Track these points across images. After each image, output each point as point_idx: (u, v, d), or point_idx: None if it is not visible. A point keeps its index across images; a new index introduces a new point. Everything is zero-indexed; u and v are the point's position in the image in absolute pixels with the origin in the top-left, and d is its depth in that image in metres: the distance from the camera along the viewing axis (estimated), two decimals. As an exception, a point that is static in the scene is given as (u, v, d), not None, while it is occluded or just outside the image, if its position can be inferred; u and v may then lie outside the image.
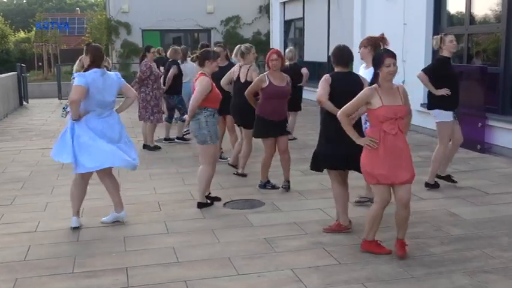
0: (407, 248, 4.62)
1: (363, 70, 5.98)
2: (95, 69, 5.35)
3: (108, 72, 5.59)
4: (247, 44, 7.66)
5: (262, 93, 6.61)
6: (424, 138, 9.89)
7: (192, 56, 6.60)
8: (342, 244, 4.91)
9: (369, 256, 4.62)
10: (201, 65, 6.10)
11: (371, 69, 5.08)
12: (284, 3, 18.49)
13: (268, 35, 21.20)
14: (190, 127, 6.30)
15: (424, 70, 6.74)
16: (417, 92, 9.11)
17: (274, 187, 6.83)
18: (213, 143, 6.04)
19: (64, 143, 5.35)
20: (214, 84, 6.08)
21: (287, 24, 18.81)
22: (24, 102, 18.16)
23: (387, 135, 4.42)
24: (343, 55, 5.24)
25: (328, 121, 5.08)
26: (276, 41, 19.03)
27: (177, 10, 21.43)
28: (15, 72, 17.98)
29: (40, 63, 35.92)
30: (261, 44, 20.72)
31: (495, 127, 8.69)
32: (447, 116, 6.57)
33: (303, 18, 17.11)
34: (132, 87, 9.53)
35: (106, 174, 5.62)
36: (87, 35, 35.03)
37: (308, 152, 6.95)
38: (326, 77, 5.17)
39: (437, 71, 6.62)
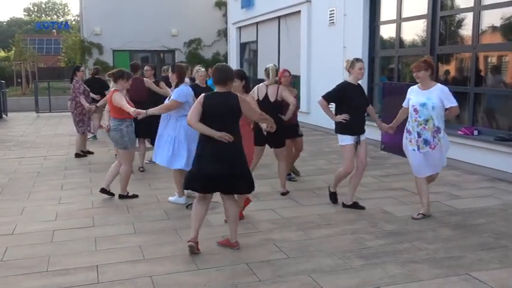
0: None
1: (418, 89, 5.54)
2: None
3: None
4: (271, 65, 6.69)
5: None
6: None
7: (108, 73, 6.60)
8: (290, 240, 4.92)
9: (314, 250, 4.64)
10: (115, 81, 6.31)
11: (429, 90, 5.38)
12: (240, 27, 18.55)
13: (226, 55, 21.22)
14: (112, 136, 6.40)
15: (324, 96, 5.84)
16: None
17: None
18: (132, 148, 6.47)
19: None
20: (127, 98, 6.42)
21: (243, 46, 18.86)
22: (4, 115, 17.60)
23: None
24: (224, 75, 4.50)
25: (204, 141, 4.46)
26: (233, 61, 19.03)
27: (145, 32, 21.31)
28: (-5, 88, 17.45)
29: (19, 80, 34.94)
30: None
31: (422, 136, 8.85)
32: (346, 139, 5.80)
33: (256, 41, 17.19)
34: (71, 104, 9.65)
35: None
36: (62, 55, 34.28)
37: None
38: (200, 97, 4.47)
39: (336, 97, 5.83)
